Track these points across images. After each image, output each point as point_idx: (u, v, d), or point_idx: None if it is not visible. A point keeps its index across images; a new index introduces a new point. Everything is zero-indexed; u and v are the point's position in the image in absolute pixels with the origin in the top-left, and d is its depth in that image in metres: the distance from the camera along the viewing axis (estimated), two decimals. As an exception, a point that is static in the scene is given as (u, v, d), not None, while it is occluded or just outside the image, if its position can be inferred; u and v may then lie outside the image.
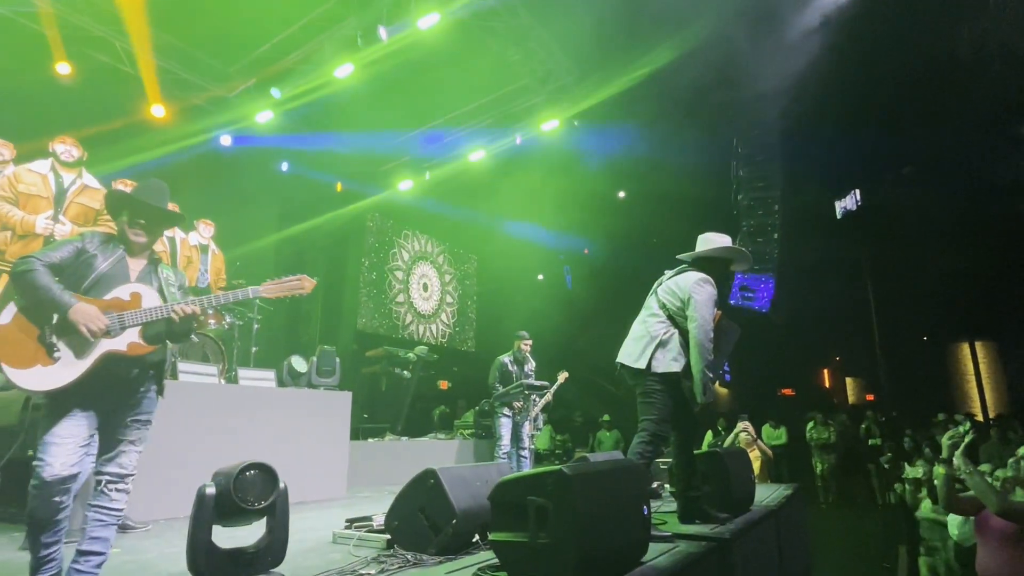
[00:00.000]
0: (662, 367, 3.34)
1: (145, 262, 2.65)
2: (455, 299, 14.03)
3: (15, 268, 2.32)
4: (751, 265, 3.84)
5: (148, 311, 2.48)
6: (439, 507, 3.27)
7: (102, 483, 2.44)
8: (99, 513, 2.42)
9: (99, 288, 2.46)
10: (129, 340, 2.44)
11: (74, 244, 2.49)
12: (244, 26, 7.69)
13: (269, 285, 2.81)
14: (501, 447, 6.49)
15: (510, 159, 10.97)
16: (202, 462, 4.80)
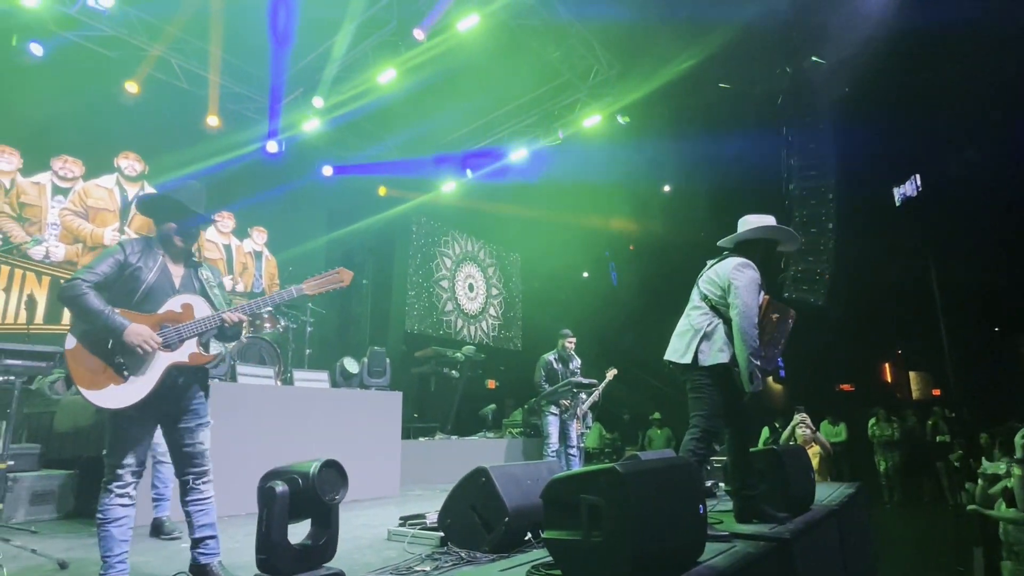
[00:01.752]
0: (708, 359, 3.24)
1: (184, 267, 2.75)
2: (500, 299, 14.09)
3: (64, 293, 2.40)
4: (800, 245, 3.64)
5: (201, 321, 2.59)
6: (491, 505, 3.29)
7: (189, 482, 2.64)
8: (198, 506, 2.65)
9: (149, 301, 2.55)
10: (189, 351, 2.56)
11: (115, 256, 2.55)
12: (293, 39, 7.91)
13: (310, 282, 2.91)
14: (549, 445, 6.47)
15: (552, 156, 10.93)
16: (262, 461, 4.97)
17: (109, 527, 2.46)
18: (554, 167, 11.28)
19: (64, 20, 7.08)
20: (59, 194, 7.50)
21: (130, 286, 2.54)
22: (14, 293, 6.97)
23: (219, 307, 2.68)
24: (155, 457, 3.86)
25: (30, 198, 7.24)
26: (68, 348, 2.45)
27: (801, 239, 3.64)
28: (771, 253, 3.51)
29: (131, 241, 2.64)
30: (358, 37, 7.95)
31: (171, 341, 2.50)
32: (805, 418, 7.01)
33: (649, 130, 10.42)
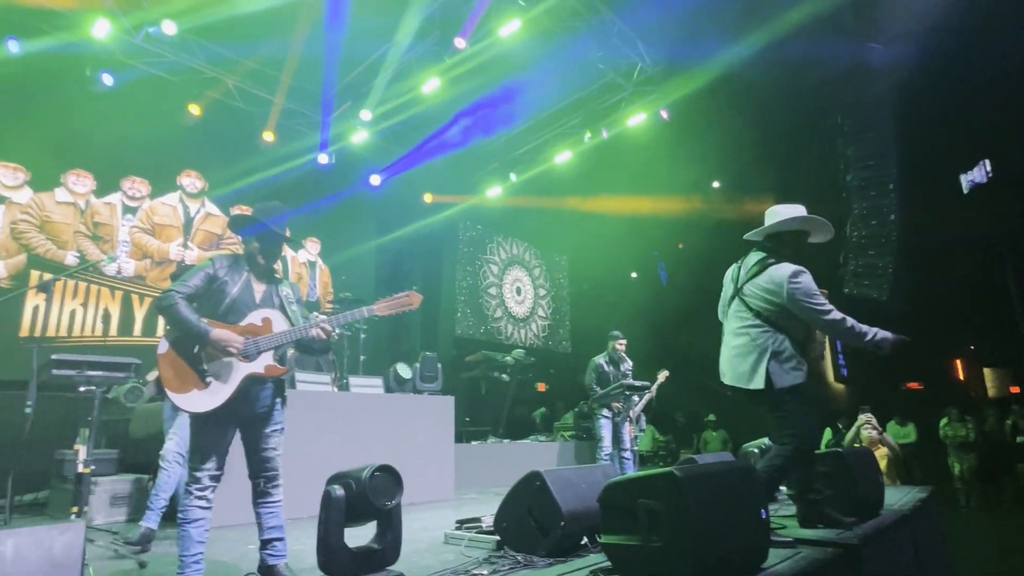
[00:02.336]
0: (786, 381, 3.01)
1: (266, 283, 2.88)
2: (548, 301, 14.08)
3: (160, 303, 2.63)
4: (832, 234, 3.42)
5: (279, 335, 2.72)
6: (546, 509, 3.29)
7: (261, 485, 2.77)
8: (267, 508, 2.78)
9: (232, 313, 2.72)
10: (266, 363, 2.69)
11: (205, 271, 2.75)
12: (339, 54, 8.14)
13: (382, 304, 2.99)
14: (602, 449, 6.42)
15: (597, 157, 10.86)
16: (321, 465, 5.11)
17: (188, 527, 2.59)
18: (599, 167, 11.21)
19: (130, 49, 7.49)
20: (128, 213, 7.94)
21: (216, 298, 2.72)
22: (90, 308, 7.41)
23: (296, 323, 2.80)
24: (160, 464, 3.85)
25: (103, 218, 7.69)
26: (160, 353, 2.64)
27: (831, 229, 3.41)
28: (802, 245, 3.32)
29: (221, 257, 2.83)
30: (401, 49, 8.10)
31: (250, 352, 2.64)
32: (871, 419, 6.71)
33: (697, 125, 10.22)
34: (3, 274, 6.83)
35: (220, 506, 3.14)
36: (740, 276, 3.31)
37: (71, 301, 7.27)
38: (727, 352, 3.27)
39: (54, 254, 7.21)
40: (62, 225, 7.33)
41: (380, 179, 10.41)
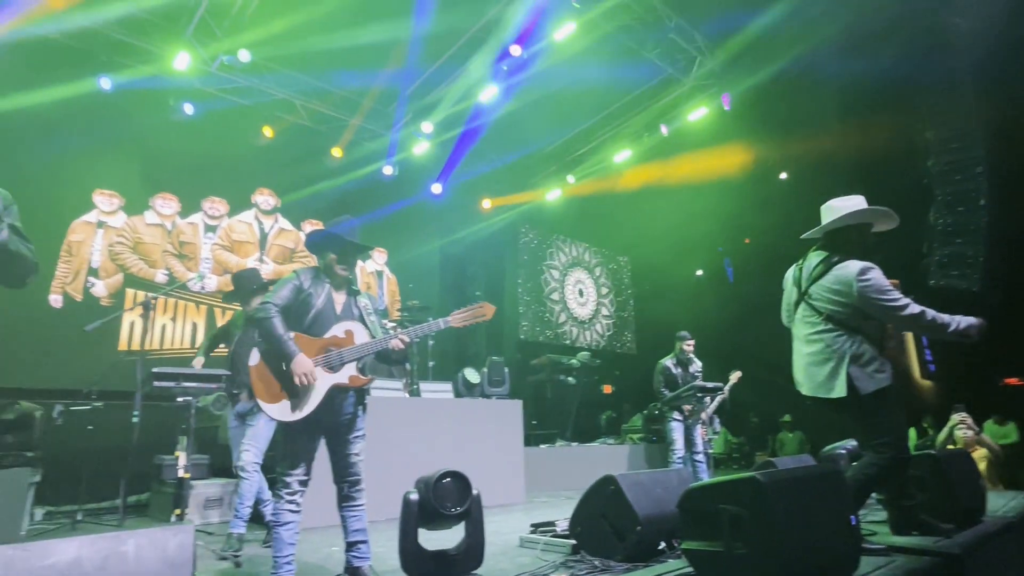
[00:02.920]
0: (871, 386, 2.83)
1: (346, 294, 3.01)
2: (611, 302, 13.94)
3: (257, 314, 2.81)
4: (897, 222, 3.17)
5: (361, 347, 2.84)
6: (621, 513, 3.27)
7: (344, 489, 2.89)
8: (352, 511, 2.89)
9: (317, 325, 2.86)
10: (349, 373, 2.81)
11: (293, 283, 2.90)
12: (399, 69, 8.38)
13: (456, 315, 3.07)
14: (675, 452, 6.30)
15: (657, 154, 10.69)
16: (395, 470, 5.27)
17: (280, 530, 2.74)
18: (659, 164, 11.02)
19: (207, 78, 7.97)
20: (209, 231, 8.43)
21: (302, 311, 2.86)
22: (179, 322, 7.91)
23: (375, 334, 2.91)
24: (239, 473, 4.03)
25: (187, 237, 8.20)
26: (252, 364, 2.80)
27: (896, 217, 3.15)
28: (866, 238, 3.11)
29: (304, 270, 2.97)
30: (460, 59, 8.25)
31: (334, 364, 2.77)
32: (966, 418, 6.29)
33: (761, 115, 9.89)
34: (103, 293, 7.39)
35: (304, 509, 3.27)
36: (803, 278, 3.14)
37: (162, 316, 7.79)
38: (801, 361, 3.10)
39: (146, 273, 7.74)
40: (152, 245, 7.87)
41: (441, 187, 10.62)
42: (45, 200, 6.91)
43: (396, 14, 7.19)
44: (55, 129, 7.03)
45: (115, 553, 1.67)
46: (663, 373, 6.44)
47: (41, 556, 1.57)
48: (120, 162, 7.68)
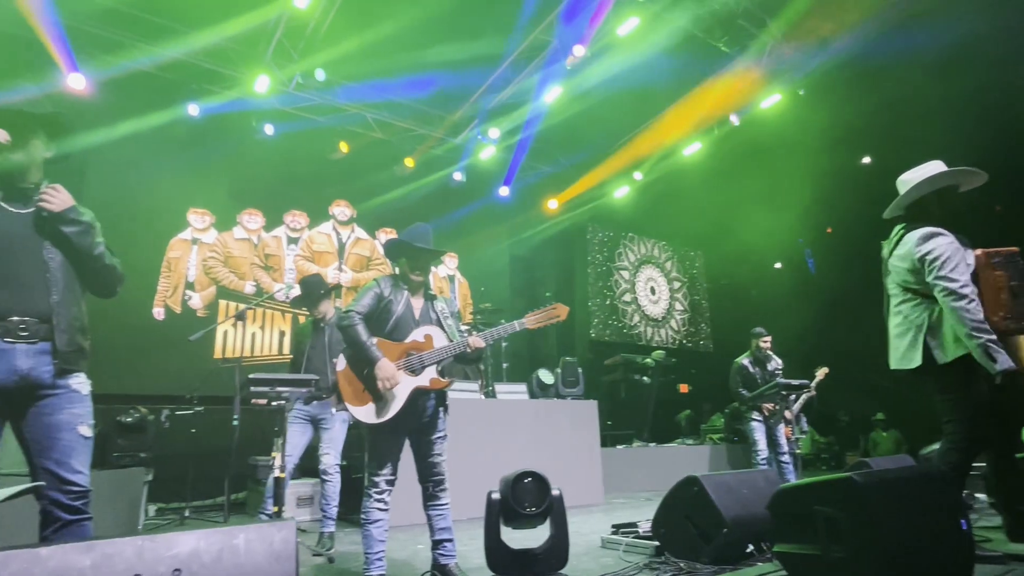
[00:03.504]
0: (947, 355, 2.72)
1: (423, 299, 3.11)
2: (685, 299, 13.61)
3: (341, 323, 2.93)
4: (985, 177, 2.93)
5: (440, 350, 2.93)
6: (706, 515, 3.20)
7: (429, 489, 2.98)
8: (436, 511, 2.97)
9: (397, 330, 2.97)
10: (430, 376, 2.91)
11: (374, 291, 3.02)
12: (462, 76, 8.54)
13: (531, 317, 3.12)
14: (758, 453, 6.09)
15: (729, 145, 10.36)
16: (473, 470, 5.36)
17: (369, 528, 2.86)
18: (731, 155, 10.68)
19: (286, 98, 8.41)
20: (292, 243, 8.88)
21: (383, 317, 2.98)
22: (267, 330, 8.38)
23: (453, 337, 3.00)
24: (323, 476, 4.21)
25: (271, 249, 8.68)
26: (339, 369, 2.94)
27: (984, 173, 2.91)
28: (952, 202, 2.93)
29: (384, 278, 3.10)
30: (523, 63, 8.30)
31: (415, 367, 2.87)
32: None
33: (840, 97, 9.39)
34: (200, 305, 7.94)
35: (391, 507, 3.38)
36: (886, 252, 3.10)
37: (252, 325, 8.28)
38: (890, 335, 3.07)
39: (236, 285, 8.25)
40: (240, 259, 8.37)
41: (508, 190, 10.72)
42: (146, 220, 7.49)
43: (460, 25, 7.33)
44: (152, 154, 7.62)
45: (228, 546, 1.80)
46: (740, 373, 6.25)
47: (167, 547, 1.72)
48: (210, 182, 8.23)
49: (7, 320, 1.99)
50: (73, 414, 2.07)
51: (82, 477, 2.04)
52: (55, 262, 2.09)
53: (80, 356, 2.14)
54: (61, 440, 2.03)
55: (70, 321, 2.10)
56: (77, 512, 2.02)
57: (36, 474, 2.02)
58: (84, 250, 2.14)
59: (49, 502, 2.00)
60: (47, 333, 2.05)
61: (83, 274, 2.19)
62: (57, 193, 2.11)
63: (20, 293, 2.02)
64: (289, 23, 7.25)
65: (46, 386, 2.04)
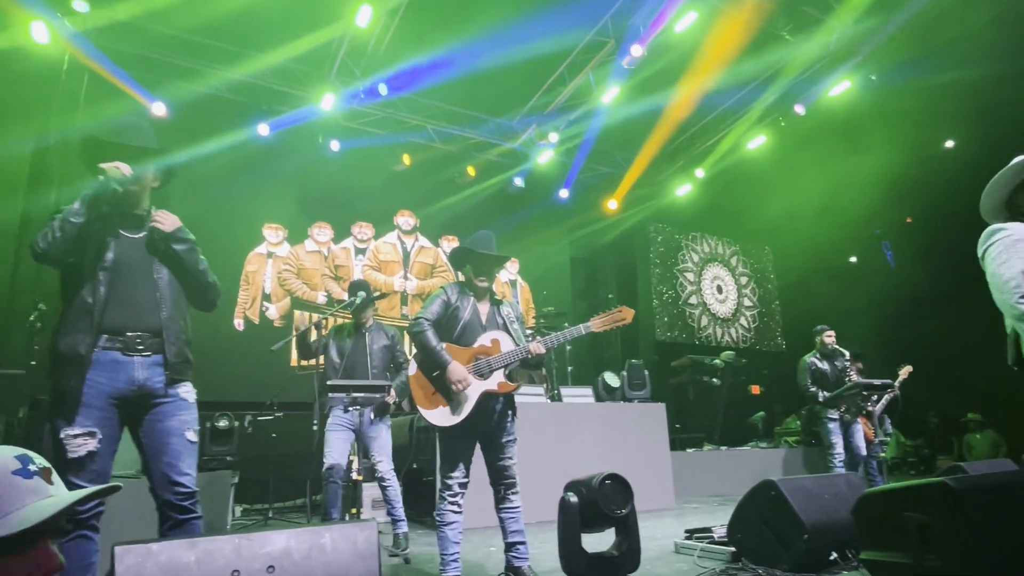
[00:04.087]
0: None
1: (488, 304, 3.16)
2: (754, 297, 13.16)
3: (411, 330, 3.04)
4: None
5: (507, 354, 2.98)
6: (785, 520, 3.10)
7: (501, 491, 3.03)
8: (509, 514, 3.02)
9: (465, 335, 3.04)
10: (498, 380, 2.97)
11: (441, 298, 3.11)
12: (519, 82, 8.61)
13: (597, 320, 3.12)
14: (834, 456, 5.84)
15: (796, 135, 9.98)
16: (542, 473, 5.38)
17: (444, 530, 2.93)
18: (799, 146, 10.27)
19: (350, 113, 8.73)
20: (359, 254, 9.20)
21: (451, 323, 3.06)
22: (339, 338, 8.69)
23: (519, 341, 3.06)
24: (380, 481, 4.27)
25: (341, 260, 9.01)
26: (411, 374, 3.04)
27: None
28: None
29: (451, 285, 3.19)
30: (579, 65, 8.29)
31: (483, 371, 2.94)
32: None
33: (916, 81, 8.86)
34: (276, 315, 8.33)
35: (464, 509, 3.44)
36: None
37: (325, 334, 8.60)
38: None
39: (309, 295, 8.61)
40: (312, 271, 8.74)
41: (567, 192, 10.72)
42: (225, 236, 7.92)
43: (515, 34, 7.40)
44: (227, 173, 8.00)
45: (316, 544, 1.90)
46: (809, 370, 6.06)
47: (260, 544, 1.83)
48: (282, 197, 8.63)
49: (125, 336, 2.19)
50: (181, 420, 2.26)
51: (189, 479, 2.22)
52: (164, 281, 2.31)
53: (187, 367, 2.34)
54: (171, 444, 2.21)
55: (178, 335, 2.30)
56: (186, 511, 2.20)
57: (150, 476, 2.22)
58: (191, 266, 2.37)
59: (162, 502, 2.19)
60: (159, 346, 2.25)
61: (188, 290, 2.42)
62: (167, 216, 2.35)
63: (136, 311, 2.23)
64: (351, 41, 7.52)
65: (158, 395, 2.24)
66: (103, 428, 2.12)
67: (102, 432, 2.12)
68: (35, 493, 1.04)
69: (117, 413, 2.19)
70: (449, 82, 8.14)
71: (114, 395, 2.16)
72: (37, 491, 1.04)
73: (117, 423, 2.20)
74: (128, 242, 2.30)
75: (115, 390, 2.16)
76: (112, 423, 2.17)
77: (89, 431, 2.09)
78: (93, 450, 2.08)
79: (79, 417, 2.08)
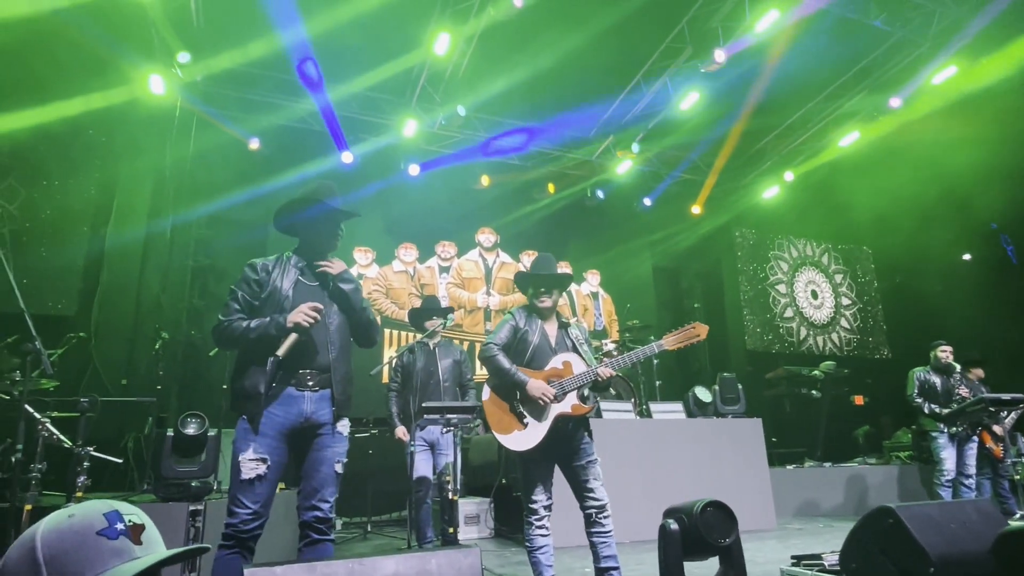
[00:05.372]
0: None
1: (556, 327, 3.17)
2: (853, 302, 12.35)
3: (482, 355, 3.09)
4: None
5: (579, 376, 2.98)
6: (905, 551, 2.87)
7: (592, 515, 2.98)
8: (600, 538, 2.96)
9: (535, 359, 3.06)
10: (571, 402, 2.97)
11: (510, 323, 3.15)
12: (594, 94, 8.59)
13: (670, 338, 3.08)
14: (943, 473, 5.40)
15: (894, 128, 9.32)
16: (636, 492, 5.28)
17: (536, 554, 2.93)
18: (897, 139, 9.60)
19: (431, 137, 9.02)
20: (443, 272, 9.44)
21: (521, 347, 3.10)
22: (426, 354, 8.94)
23: (589, 363, 3.05)
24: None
25: (426, 279, 9.28)
26: (484, 399, 3.09)
27: None
28: None
29: (518, 309, 3.24)
30: (656, 72, 8.17)
31: (557, 394, 2.93)
32: None
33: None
34: (367, 335, 8.69)
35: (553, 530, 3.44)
36: None
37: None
38: None
39: (398, 315, 8.92)
40: (400, 290, 9.06)
41: (650, 201, 10.55)
42: (319, 261, 8.35)
43: (590, 54, 7.42)
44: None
45: (423, 570, 1.97)
46: (917, 382, 5.67)
47: (372, 569, 1.92)
48: (369, 221, 9.00)
49: (299, 373, 2.42)
50: (335, 451, 2.47)
51: (328, 506, 2.42)
52: (333, 325, 2.55)
53: (349, 403, 2.56)
54: (321, 472, 2.43)
55: (344, 374, 2.54)
56: (322, 533, 2.40)
57: (298, 496, 2.43)
58: (355, 305, 2.62)
59: (303, 522, 2.40)
60: (327, 382, 2.48)
61: (354, 329, 2.66)
62: (335, 261, 2.63)
63: (309, 351, 2.46)
64: (431, 68, 7.78)
65: (321, 426, 2.46)
66: (273, 456, 2.35)
67: (272, 459, 2.34)
68: (119, 555, 0.99)
69: (286, 442, 2.41)
70: (525, 102, 8.25)
71: (286, 426, 2.39)
72: (121, 552, 0.99)
73: (286, 452, 2.42)
74: (309, 288, 2.57)
75: (287, 421, 2.39)
76: (281, 451, 2.39)
77: (262, 457, 2.32)
78: (262, 474, 2.30)
79: (255, 444, 2.32)
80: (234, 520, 2.27)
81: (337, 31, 6.83)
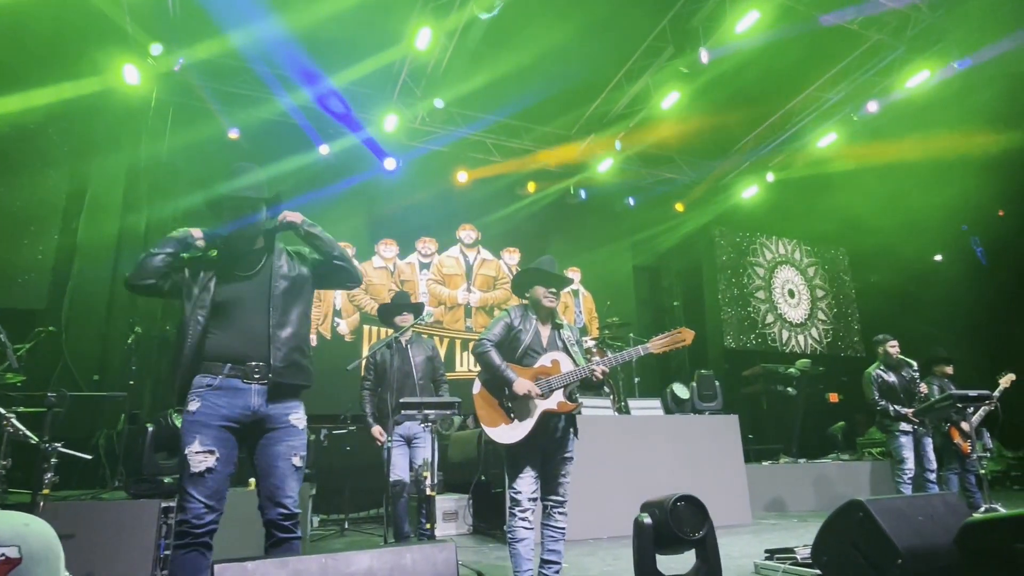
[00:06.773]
0: None
1: (550, 327, 3.21)
2: (828, 301, 12.55)
3: (475, 350, 3.13)
4: None
5: (567, 375, 3.04)
6: (875, 544, 2.93)
7: (548, 508, 3.07)
8: (551, 531, 3.05)
9: (527, 357, 3.12)
10: (558, 399, 3.02)
11: (504, 321, 3.19)
12: (576, 91, 8.59)
13: (656, 342, 3.17)
14: (904, 471, 5.53)
15: (871, 130, 9.49)
16: (614, 488, 5.31)
17: (516, 546, 2.95)
18: (874, 141, 9.77)
19: (411, 133, 8.96)
20: (424, 268, 9.40)
21: (514, 345, 3.15)
22: (406, 351, 8.90)
23: (579, 363, 3.11)
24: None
25: (406, 275, 9.24)
26: (475, 392, 3.14)
27: None
28: None
29: (514, 308, 3.28)
30: (637, 72, 8.21)
31: (544, 391, 2.97)
32: None
33: (1008, 61, 8.26)
34: (346, 331, 8.62)
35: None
36: None
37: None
38: None
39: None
40: (379, 286, 9.00)
41: (632, 200, 10.60)
42: (299, 256, 8.26)
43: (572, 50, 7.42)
44: (294, 193, 8.31)
45: (398, 565, 1.96)
46: (875, 382, 5.73)
47: (346, 564, 1.91)
48: (350, 215, 8.92)
49: (245, 365, 2.34)
50: (289, 445, 2.38)
51: (291, 501, 2.34)
52: (278, 313, 2.43)
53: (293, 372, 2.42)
54: (279, 468, 2.34)
55: (285, 339, 2.41)
56: (287, 531, 2.32)
57: (258, 495, 2.36)
58: (326, 247, 2.56)
59: (267, 521, 2.33)
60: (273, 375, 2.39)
61: (329, 273, 2.62)
62: (292, 213, 2.53)
63: (252, 342, 2.37)
64: (412, 64, 7.73)
65: (271, 420, 2.38)
66: (220, 448, 2.28)
67: (220, 452, 2.27)
68: None
69: (235, 435, 2.34)
70: (506, 97, 8.23)
71: (231, 418, 2.32)
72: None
73: (235, 444, 2.35)
74: (243, 279, 2.45)
75: (232, 414, 2.32)
76: (230, 444, 2.32)
77: (208, 449, 2.25)
78: (211, 466, 2.24)
79: (200, 436, 2.25)
80: (187, 516, 2.19)
81: (318, 25, 6.75)
